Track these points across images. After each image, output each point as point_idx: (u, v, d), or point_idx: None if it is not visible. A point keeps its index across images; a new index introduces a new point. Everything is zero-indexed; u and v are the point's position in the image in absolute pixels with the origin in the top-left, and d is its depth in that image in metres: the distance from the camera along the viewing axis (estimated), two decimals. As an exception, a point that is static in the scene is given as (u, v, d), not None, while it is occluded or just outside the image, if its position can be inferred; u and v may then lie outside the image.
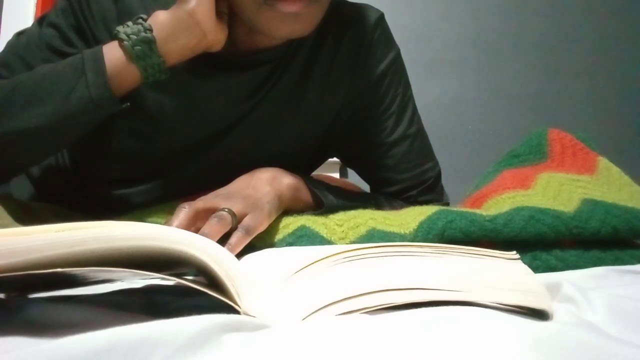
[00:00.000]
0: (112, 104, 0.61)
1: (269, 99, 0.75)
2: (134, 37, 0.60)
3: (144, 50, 0.61)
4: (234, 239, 0.54)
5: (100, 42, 0.68)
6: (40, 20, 0.71)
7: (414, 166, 0.82)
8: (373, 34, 0.78)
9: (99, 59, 0.61)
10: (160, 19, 0.62)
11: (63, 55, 0.68)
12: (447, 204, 0.85)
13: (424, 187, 0.83)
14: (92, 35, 0.69)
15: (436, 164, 0.86)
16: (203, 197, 0.59)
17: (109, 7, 0.69)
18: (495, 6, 1.98)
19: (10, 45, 0.70)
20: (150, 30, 0.61)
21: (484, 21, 1.97)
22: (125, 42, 0.60)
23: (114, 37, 0.62)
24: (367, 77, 0.79)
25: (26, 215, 0.66)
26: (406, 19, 1.94)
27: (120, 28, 0.61)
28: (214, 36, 0.64)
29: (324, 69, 0.77)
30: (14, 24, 0.71)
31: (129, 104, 0.63)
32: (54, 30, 0.69)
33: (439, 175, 0.86)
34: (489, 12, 1.98)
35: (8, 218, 0.63)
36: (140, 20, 0.62)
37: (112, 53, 0.61)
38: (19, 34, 0.71)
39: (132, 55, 0.61)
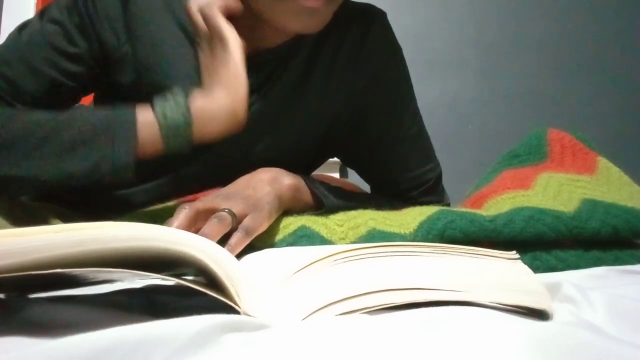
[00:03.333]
0: (126, 177, 0.60)
1: (269, 100, 0.75)
2: (172, 121, 0.59)
3: (176, 135, 0.60)
4: (234, 239, 0.54)
5: (103, 41, 0.68)
6: (41, 14, 0.70)
7: (414, 167, 0.82)
8: (375, 34, 0.78)
9: (131, 138, 0.58)
10: (199, 106, 0.60)
11: (65, 54, 0.67)
12: (448, 205, 0.85)
13: (425, 188, 0.83)
14: (95, 34, 0.69)
15: (437, 165, 0.86)
16: (203, 198, 0.59)
17: (114, 5, 0.69)
18: (495, 6, 1.98)
19: (12, 42, 0.69)
20: (190, 118, 0.60)
21: (484, 21, 1.97)
22: (162, 121, 0.59)
23: (152, 108, 0.60)
24: (369, 77, 0.78)
25: (26, 215, 0.66)
26: (406, 19, 1.94)
27: (159, 103, 0.60)
28: (243, 122, 0.63)
29: (325, 69, 0.76)
30: (14, 24, 0.71)
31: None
32: (57, 27, 0.68)
33: (439, 177, 0.86)
34: (489, 12, 1.98)
35: (5, 219, 0.63)
36: (180, 101, 0.60)
37: (145, 128, 0.59)
38: (21, 29, 0.70)
39: (164, 137, 0.59)
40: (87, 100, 0.84)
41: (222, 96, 0.61)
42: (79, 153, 0.58)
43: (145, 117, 0.60)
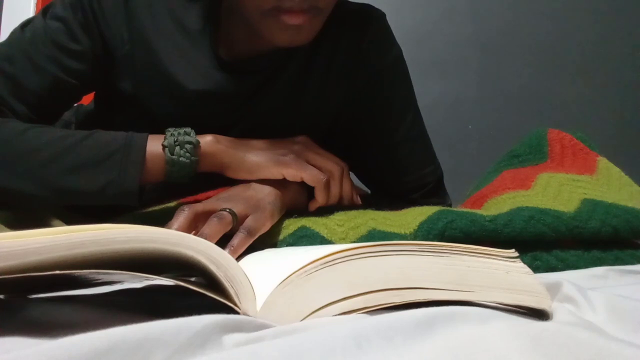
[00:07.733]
0: (131, 202, 0.62)
1: (266, 103, 0.74)
2: (180, 164, 0.62)
3: (180, 171, 0.63)
4: (236, 240, 0.54)
5: (106, 39, 0.68)
6: (44, 11, 0.69)
7: (415, 169, 0.81)
8: (373, 35, 0.78)
9: (138, 164, 0.61)
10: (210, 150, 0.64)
11: (68, 52, 0.67)
12: (450, 206, 0.84)
13: (425, 191, 0.83)
14: (98, 32, 0.68)
15: (437, 167, 0.85)
16: (204, 201, 0.59)
17: (117, 3, 0.69)
18: (495, 6, 1.98)
19: (15, 39, 0.69)
20: (196, 158, 0.63)
21: (484, 21, 1.97)
22: (168, 157, 0.62)
23: (164, 141, 0.62)
24: (367, 78, 0.78)
25: (25, 216, 0.66)
26: (406, 19, 1.94)
27: (169, 138, 0.62)
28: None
29: (322, 70, 0.76)
30: (14, 24, 0.71)
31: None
32: (60, 24, 0.68)
33: (440, 179, 0.85)
34: (489, 12, 1.97)
35: (6, 219, 0.63)
36: (191, 146, 0.62)
37: (152, 159, 0.62)
38: (24, 26, 0.70)
39: (168, 172, 0.62)
40: (87, 99, 0.84)
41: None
42: (87, 175, 0.60)
43: (154, 149, 0.62)
